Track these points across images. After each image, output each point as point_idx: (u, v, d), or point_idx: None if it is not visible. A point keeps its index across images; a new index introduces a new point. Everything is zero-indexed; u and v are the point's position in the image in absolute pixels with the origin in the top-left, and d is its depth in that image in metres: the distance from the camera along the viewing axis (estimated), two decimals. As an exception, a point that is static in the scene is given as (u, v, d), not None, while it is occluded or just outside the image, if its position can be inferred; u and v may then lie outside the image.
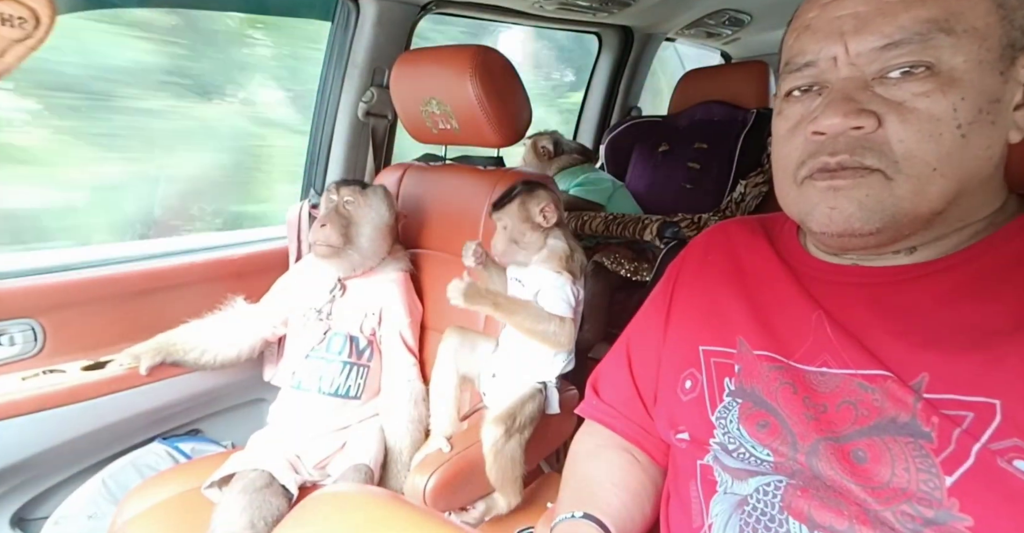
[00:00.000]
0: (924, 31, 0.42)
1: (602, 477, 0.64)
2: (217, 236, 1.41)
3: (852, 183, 0.45)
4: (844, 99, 0.44)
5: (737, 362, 0.55)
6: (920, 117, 0.43)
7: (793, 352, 0.52)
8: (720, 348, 0.57)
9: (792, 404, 0.50)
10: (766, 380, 0.52)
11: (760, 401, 0.52)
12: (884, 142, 0.44)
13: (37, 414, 0.98)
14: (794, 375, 0.51)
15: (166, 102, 1.44)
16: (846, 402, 0.47)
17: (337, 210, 1.06)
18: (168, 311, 1.16)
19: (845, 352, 0.49)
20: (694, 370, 0.58)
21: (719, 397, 0.55)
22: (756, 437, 0.51)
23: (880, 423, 0.45)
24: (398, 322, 1.09)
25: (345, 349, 1.06)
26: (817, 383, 0.49)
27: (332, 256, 1.05)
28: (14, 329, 1.04)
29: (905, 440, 0.44)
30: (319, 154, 1.49)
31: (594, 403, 0.71)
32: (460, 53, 1.05)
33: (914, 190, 0.44)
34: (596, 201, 1.73)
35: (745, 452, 0.52)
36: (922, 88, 0.42)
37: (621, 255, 1.64)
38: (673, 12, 1.95)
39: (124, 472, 1.09)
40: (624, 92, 2.22)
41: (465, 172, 1.17)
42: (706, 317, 0.60)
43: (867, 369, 0.47)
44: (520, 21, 1.81)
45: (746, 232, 0.63)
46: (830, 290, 0.52)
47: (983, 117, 0.42)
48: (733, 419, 0.53)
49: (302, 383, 1.06)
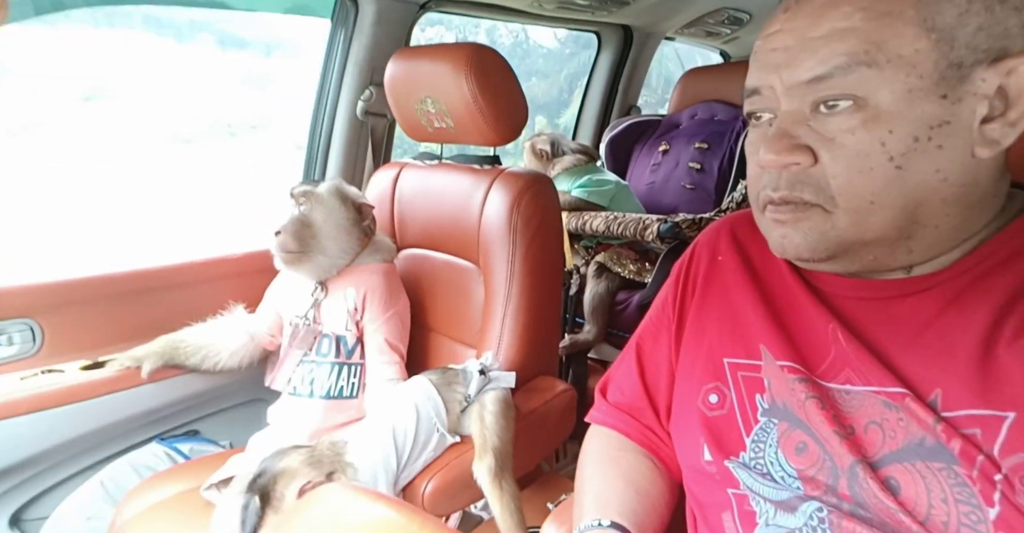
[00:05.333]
0: (845, 65, 0.41)
1: (623, 483, 0.61)
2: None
3: (793, 217, 0.46)
4: (780, 135, 0.45)
5: (766, 376, 0.53)
6: (848, 153, 0.42)
7: (816, 366, 0.50)
8: (745, 360, 0.54)
9: (823, 421, 0.47)
10: (793, 393, 0.50)
11: (795, 420, 0.50)
12: (820, 177, 0.44)
13: (35, 414, 0.98)
14: (819, 390, 0.49)
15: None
16: (872, 423, 0.45)
17: (292, 215, 1.04)
18: (167, 311, 1.16)
19: (865, 367, 0.47)
20: (720, 384, 0.55)
21: (753, 417, 0.53)
22: (794, 462, 0.49)
23: (909, 446, 0.43)
24: (377, 316, 1.07)
25: (332, 350, 1.04)
26: (842, 401, 0.48)
27: (295, 262, 1.03)
28: (12, 329, 1.04)
29: (937, 466, 0.41)
30: (318, 153, 1.49)
31: (604, 409, 0.69)
32: (455, 51, 1.05)
33: (854, 222, 0.44)
34: (597, 203, 1.72)
35: (778, 476, 0.49)
36: (848, 123, 0.42)
37: (624, 255, 1.64)
38: (672, 11, 1.95)
39: (122, 472, 1.09)
40: (623, 91, 2.21)
41: (461, 170, 1.17)
42: (726, 324, 0.57)
43: (888, 386, 0.45)
44: (519, 20, 1.81)
45: (754, 229, 0.60)
46: (840, 303, 0.51)
47: (922, 145, 0.41)
48: (772, 443, 0.50)
49: (297, 389, 1.05)
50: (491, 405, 0.94)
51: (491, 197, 1.08)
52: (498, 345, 1.06)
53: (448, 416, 0.94)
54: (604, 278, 1.63)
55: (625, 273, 1.61)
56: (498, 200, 1.07)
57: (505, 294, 1.05)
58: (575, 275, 1.69)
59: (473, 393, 0.96)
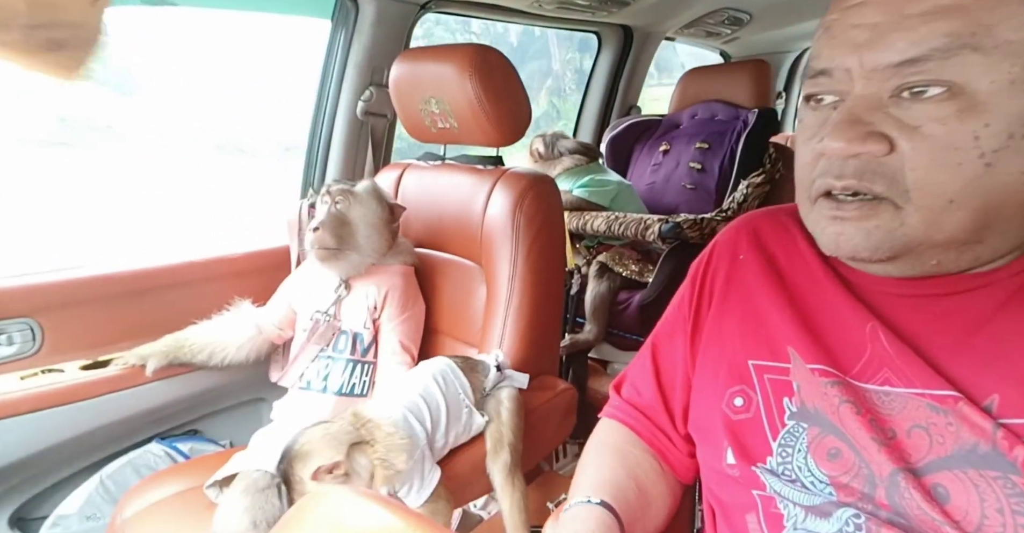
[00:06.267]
0: (945, 47, 0.37)
1: (624, 473, 0.60)
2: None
3: (858, 214, 0.42)
4: (852, 122, 0.41)
5: (795, 379, 0.49)
6: (935, 145, 0.38)
7: (850, 367, 0.47)
8: (772, 363, 0.51)
9: (859, 427, 0.44)
10: (826, 398, 0.47)
11: (827, 425, 0.47)
12: (897, 168, 0.40)
13: (35, 414, 0.98)
14: (854, 393, 0.46)
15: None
16: (917, 427, 0.42)
17: (330, 212, 1.06)
18: (167, 310, 1.16)
19: (908, 368, 0.44)
20: (746, 387, 0.53)
21: (780, 421, 0.50)
22: (826, 468, 0.46)
23: (959, 453, 0.40)
24: (394, 316, 1.09)
25: (348, 347, 1.06)
26: (880, 403, 0.44)
27: (331, 259, 1.05)
28: (12, 328, 1.03)
29: (992, 474, 0.39)
30: (318, 153, 1.49)
31: (618, 404, 0.68)
32: (459, 52, 1.05)
33: (926, 221, 0.40)
34: (598, 203, 1.72)
35: (807, 482, 0.47)
36: (940, 112, 0.38)
37: (626, 255, 1.64)
38: (672, 11, 1.95)
39: (122, 472, 1.09)
40: (623, 91, 2.21)
41: (464, 170, 1.17)
42: (749, 325, 0.54)
43: (935, 389, 0.42)
44: (520, 20, 1.81)
45: (778, 228, 0.57)
46: (880, 300, 0.47)
47: (1016, 142, 0.37)
48: (802, 448, 0.48)
49: (311, 383, 1.06)
50: (507, 402, 0.94)
51: (494, 197, 1.09)
52: (499, 344, 1.06)
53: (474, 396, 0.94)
54: (606, 278, 1.64)
55: (626, 273, 1.61)
56: (501, 200, 1.08)
57: (507, 293, 1.06)
58: (576, 275, 1.69)
59: (488, 387, 0.96)
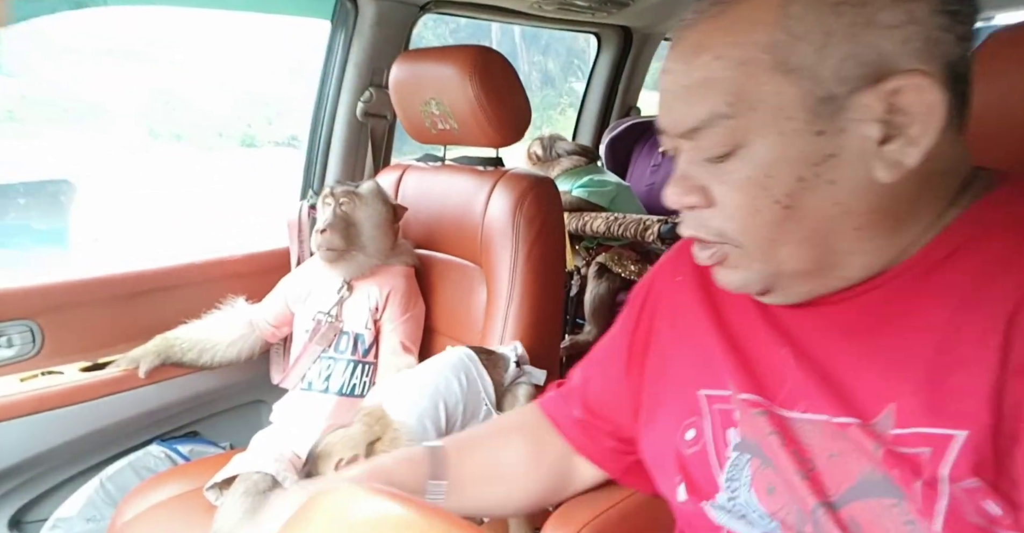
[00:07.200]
0: (710, 118, 0.40)
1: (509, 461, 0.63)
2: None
3: (715, 259, 0.45)
4: (679, 177, 0.44)
5: (735, 407, 0.48)
6: (735, 199, 0.42)
7: (775, 394, 0.46)
8: (718, 392, 0.50)
9: (786, 459, 0.44)
10: (757, 429, 0.46)
11: (764, 458, 0.46)
12: (720, 218, 0.43)
13: (35, 416, 0.98)
14: (779, 424, 0.45)
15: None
16: (833, 455, 0.42)
17: (336, 214, 1.07)
18: (167, 312, 1.16)
19: (817, 393, 0.43)
20: (697, 418, 0.51)
21: (724, 453, 0.49)
22: (765, 504, 0.45)
23: (863, 482, 0.40)
24: (396, 317, 1.09)
25: (349, 347, 1.07)
26: (802, 433, 0.44)
27: (338, 260, 1.06)
28: (12, 330, 1.03)
29: (890, 503, 0.38)
30: (317, 155, 1.48)
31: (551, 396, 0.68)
32: (460, 53, 1.05)
33: (765, 258, 0.43)
34: (598, 203, 1.72)
35: (755, 517, 0.46)
36: (729, 168, 0.41)
37: (625, 256, 1.64)
38: (672, 12, 1.95)
39: (122, 474, 1.08)
40: (623, 92, 2.22)
41: (464, 172, 1.17)
42: (693, 353, 0.53)
43: (835, 415, 0.42)
44: (519, 21, 1.81)
45: None
46: (788, 323, 0.47)
47: (810, 183, 0.39)
48: (746, 483, 0.47)
49: (312, 384, 1.06)
50: (525, 401, 0.93)
51: (494, 198, 1.09)
52: (500, 345, 1.05)
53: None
54: (605, 279, 1.64)
55: (626, 274, 1.61)
56: (501, 201, 1.08)
57: (507, 295, 1.06)
58: (576, 276, 1.69)
59: (506, 383, 0.95)
